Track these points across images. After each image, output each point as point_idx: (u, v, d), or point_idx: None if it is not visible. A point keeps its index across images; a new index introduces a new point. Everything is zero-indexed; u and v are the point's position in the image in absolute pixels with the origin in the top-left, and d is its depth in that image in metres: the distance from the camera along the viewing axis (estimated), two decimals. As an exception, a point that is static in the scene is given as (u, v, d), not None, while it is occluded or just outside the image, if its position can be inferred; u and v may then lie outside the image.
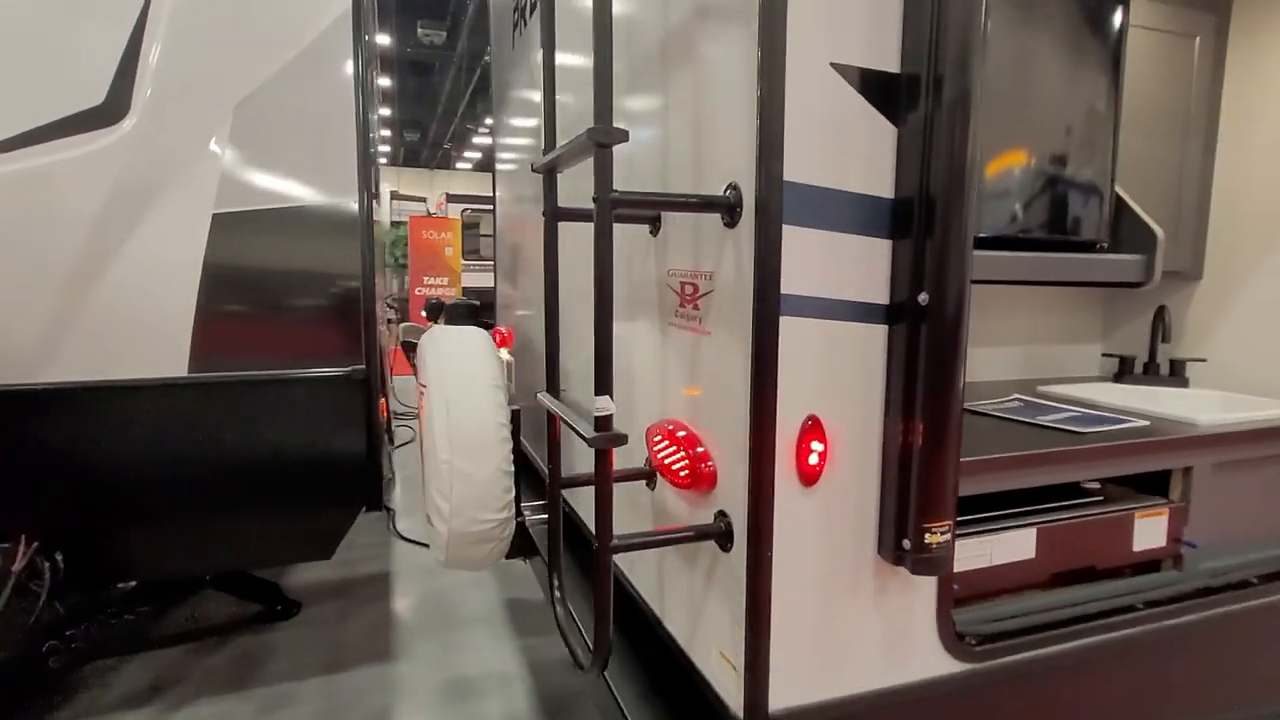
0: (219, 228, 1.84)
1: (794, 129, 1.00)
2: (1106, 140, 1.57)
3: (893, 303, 1.09)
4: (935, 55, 1.01)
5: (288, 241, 1.92)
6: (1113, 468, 1.46)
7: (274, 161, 1.93)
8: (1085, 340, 2.27)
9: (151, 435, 1.84)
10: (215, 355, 1.86)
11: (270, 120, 1.91)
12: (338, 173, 1.96)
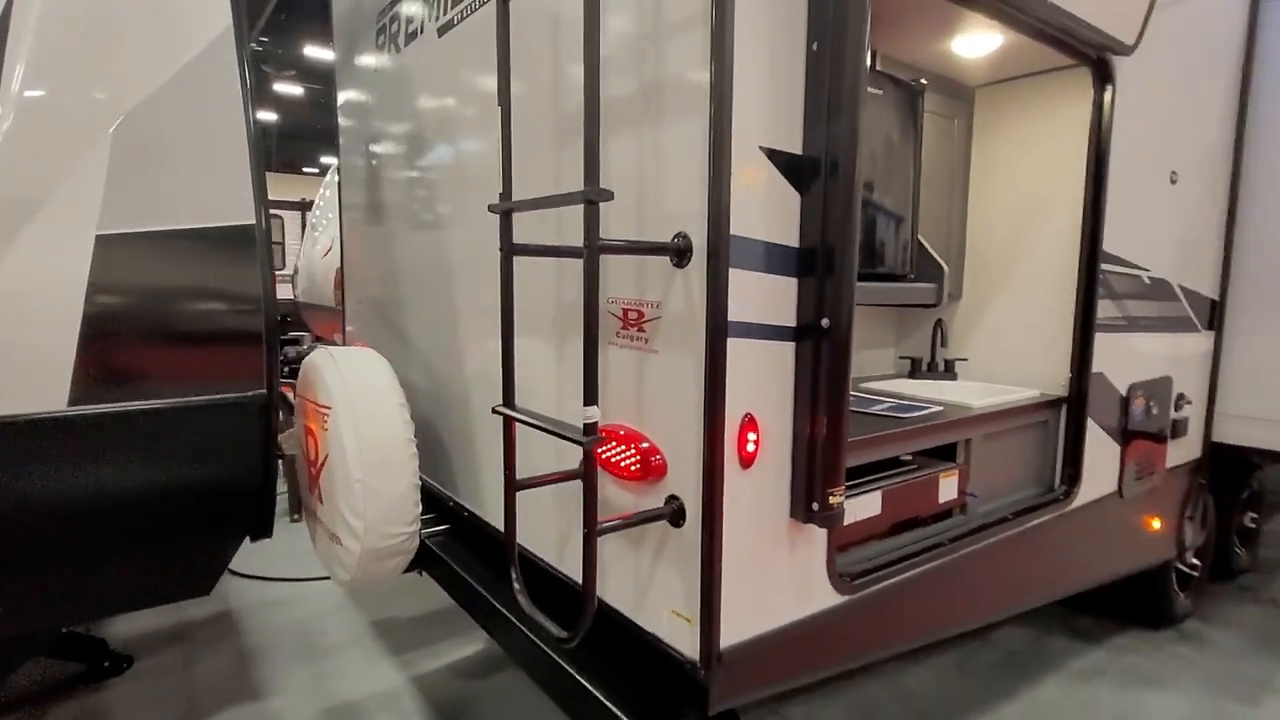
0: (104, 249, 1.72)
1: (735, 194, 1.30)
2: (910, 199, 2.10)
3: (799, 325, 1.44)
4: (827, 142, 1.38)
5: (182, 263, 1.84)
6: (925, 443, 1.97)
7: (164, 180, 1.83)
8: (884, 346, 2.89)
9: (22, 477, 1.66)
10: (100, 386, 1.73)
11: (155, 138, 1.81)
12: (232, 190, 1.91)
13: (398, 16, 2.52)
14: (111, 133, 1.76)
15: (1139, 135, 2.32)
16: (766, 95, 1.34)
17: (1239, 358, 2.96)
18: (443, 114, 2.34)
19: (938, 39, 2.14)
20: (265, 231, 1.97)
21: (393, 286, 2.87)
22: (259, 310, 1.95)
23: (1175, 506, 2.96)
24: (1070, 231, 2.32)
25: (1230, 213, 2.89)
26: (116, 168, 1.76)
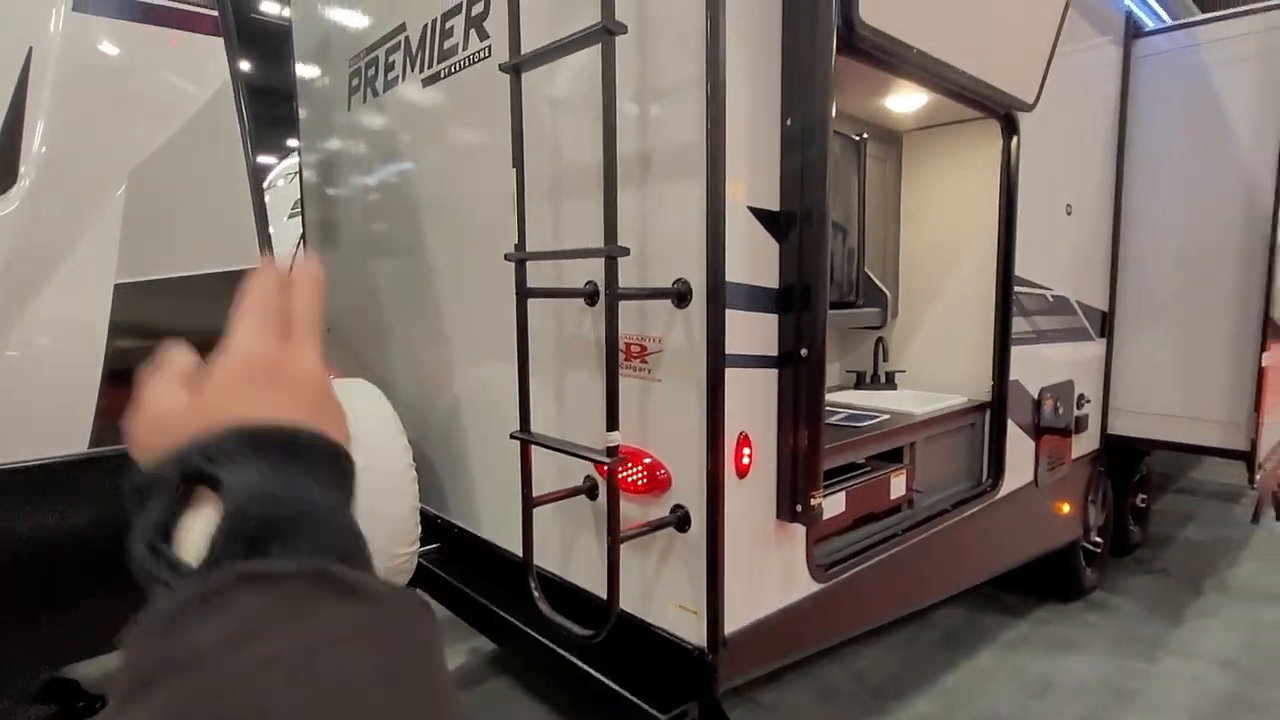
0: (122, 297, 1.79)
1: (728, 246, 1.54)
2: (858, 235, 2.40)
3: (781, 354, 1.69)
4: (801, 199, 1.64)
5: (193, 307, 1.93)
6: (879, 447, 2.27)
7: (174, 231, 1.92)
8: (832, 360, 3.21)
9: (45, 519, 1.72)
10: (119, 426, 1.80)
11: (165, 191, 1.89)
12: (236, 237, 2.01)
13: (376, 64, 2.66)
14: (124, 187, 1.84)
15: (1040, 175, 2.71)
16: (751, 162, 1.59)
17: (1126, 361, 3.43)
18: (428, 157, 2.50)
19: (873, 97, 2.46)
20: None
21: (369, 317, 2.97)
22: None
23: (1080, 492, 3.39)
24: (987, 258, 2.68)
25: (1115, 237, 3.36)
26: (130, 220, 1.84)
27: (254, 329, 0.43)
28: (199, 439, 0.36)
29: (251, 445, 0.36)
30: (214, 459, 0.35)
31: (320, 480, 0.38)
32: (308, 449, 0.38)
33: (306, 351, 0.44)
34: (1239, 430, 3.17)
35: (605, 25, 1.42)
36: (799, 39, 1.60)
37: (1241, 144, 3.12)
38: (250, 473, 0.35)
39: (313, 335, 0.45)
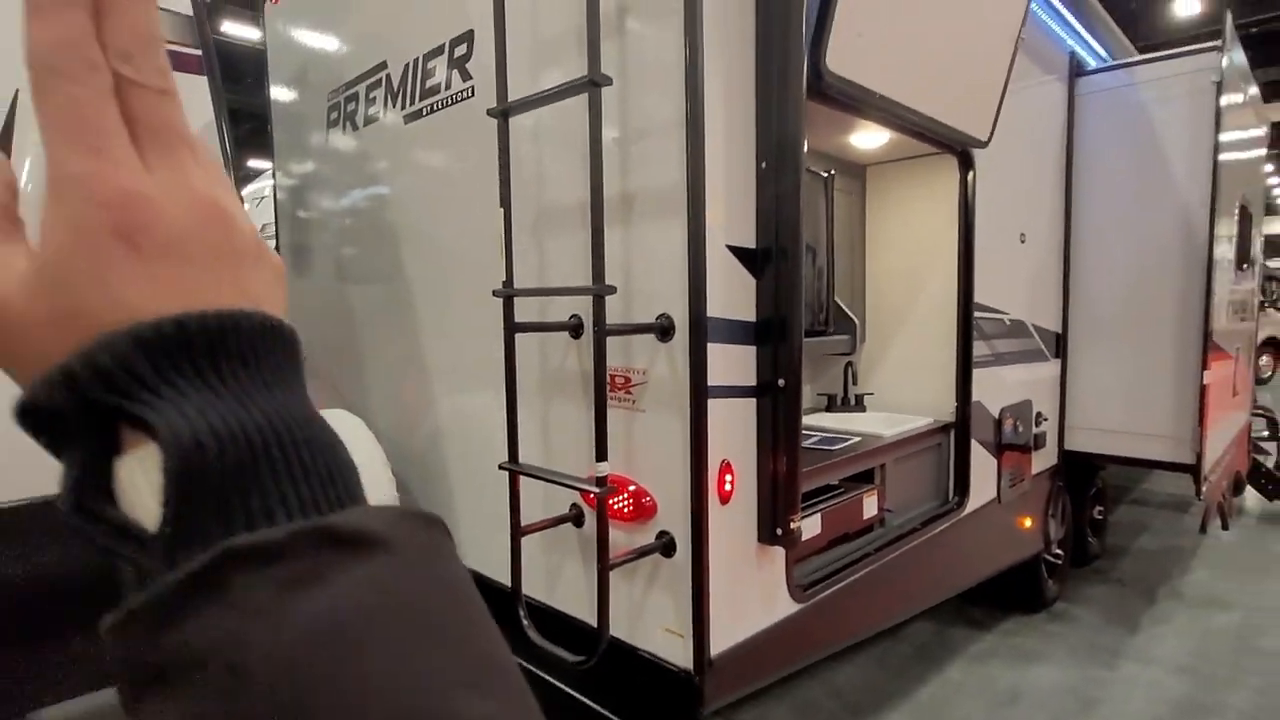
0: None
1: (709, 283, 1.62)
2: (827, 266, 2.51)
3: (759, 384, 1.77)
4: (776, 237, 1.73)
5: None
6: (852, 469, 2.36)
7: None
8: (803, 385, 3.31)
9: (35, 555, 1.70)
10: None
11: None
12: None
13: (356, 98, 2.70)
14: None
15: (995, 206, 2.87)
16: (728, 203, 1.68)
17: (1080, 379, 3.60)
18: (409, 190, 2.54)
19: (839, 135, 2.59)
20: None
21: (345, 346, 2.99)
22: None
23: (1041, 507, 3.53)
24: (948, 284, 2.81)
25: (1065, 262, 3.54)
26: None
27: (80, 133, 0.27)
28: (91, 358, 0.26)
29: (170, 360, 0.26)
30: (128, 392, 0.26)
31: (270, 379, 0.29)
32: (244, 342, 0.28)
33: (179, 165, 0.29)
34: (1185, 445, 3.35)
35: (591, 78, 1.50)
36: (771, 87, 1.70)
37: (1178, 175, 3.34)
38: (184, 405, 0.26)
39: (173, 113, 0.29)
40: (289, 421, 0.28)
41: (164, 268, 0.28)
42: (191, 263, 0.28)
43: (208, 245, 0.29)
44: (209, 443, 0.26)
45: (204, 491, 0.26)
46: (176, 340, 0.27)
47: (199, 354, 0.27)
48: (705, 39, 1.58)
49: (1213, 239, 3.22)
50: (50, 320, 0.27)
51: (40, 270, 0.27)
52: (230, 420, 0.27)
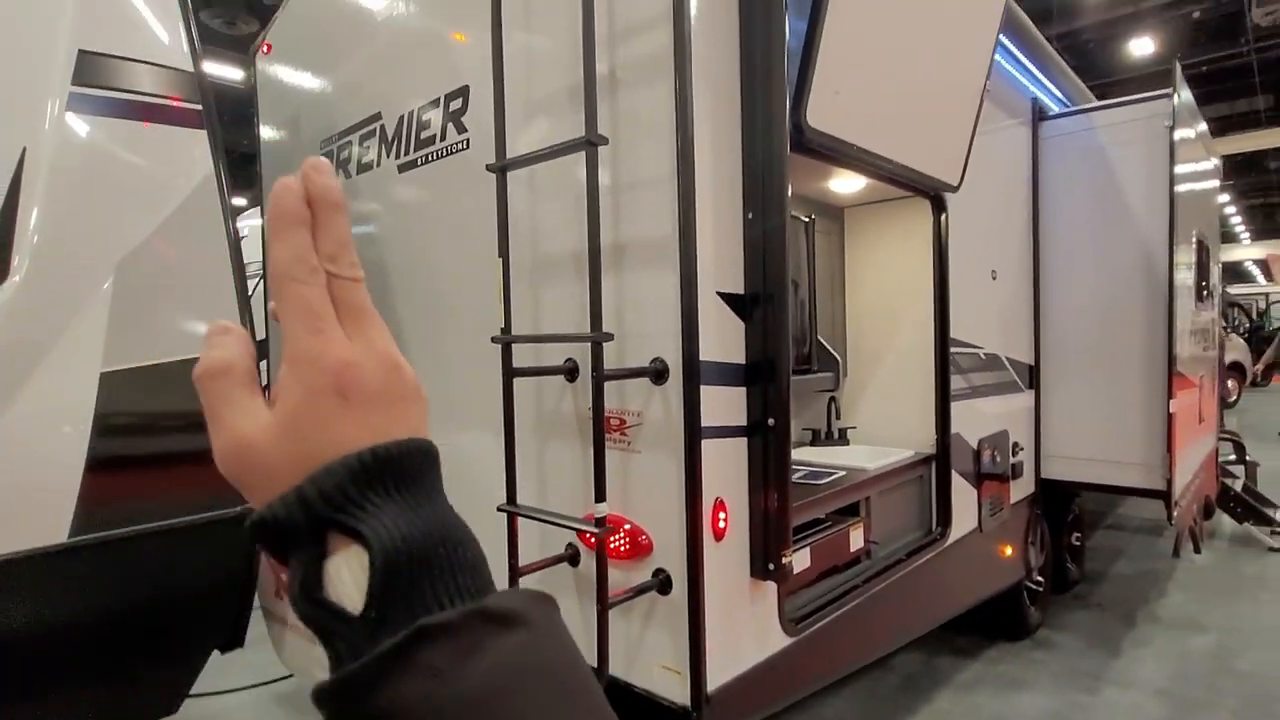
0: (108, 385, 1.82)
1: (701, 328, 1.70)
2: (810, 306, 2.61)
3: (750, 423, 1.84)
4: (763, 283, 1.81)
5: (176, 391, 1.96)
6: (839, 503, 2.43)
7: (160, 317, 1.97)
8: (788, 418, 3.40)
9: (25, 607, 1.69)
10: (101, 515, 1.80)
11: (151, 279, 1.95)
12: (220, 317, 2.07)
13: (350, 147, 2.77)
14: (113, 277, 1.89)
15: (967, 245, 3.00)
16: (718, 251, 1.76)
17: (1053, 409, 3.72)
18: (403, 236, 2.60)
19: (819, 181, 2.71)
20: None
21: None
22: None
23: (1021, 535, 3.62)
24: (925, 321, 2.92)
25: (1036, 297, 3.69)
26: (118, 309, 1.89)
27: (307, 321, 0.38)
28: (318, 484, 0.35)
29: (368, 483, 0.36)
30: (342, 508, 0.35)
31: (429, 491, 0.39)
32: (413, 463, 0.38)
33: (366, 328, 0.39)
34: (1156, 471, 3.46)
35: (589, 138, 1.58)
36: (756, 142, 1.80)
37: (1138, 213, 3.51)
38: (383, 517, 0.35)
39: (363, 299, 0.40)
40: (445, 525, 0.38)
41: (364, 413, 0.38)
42: (380, 406, 0.39)
43: (390, 392, 0.40)
44: (401, 547, 0.35)
45: (397, 584, 0.34)
46: (373, 468, 0.36)
47: (387, 476, 0.37)
48: (695, 98, 1.68)
49: (1173, 273, 3.38)
50: (286, 457, 0.37)
51: (281, 420, 0.38)
52: (412, 528, 0.36)
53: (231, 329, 0.42)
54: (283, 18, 3.16)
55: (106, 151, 1.97)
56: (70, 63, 1.91)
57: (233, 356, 0.40)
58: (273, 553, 0.37)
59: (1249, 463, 6.06)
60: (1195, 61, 15.50)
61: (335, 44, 2.87)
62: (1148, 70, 15.76)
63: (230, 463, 0.39)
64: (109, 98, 1.96)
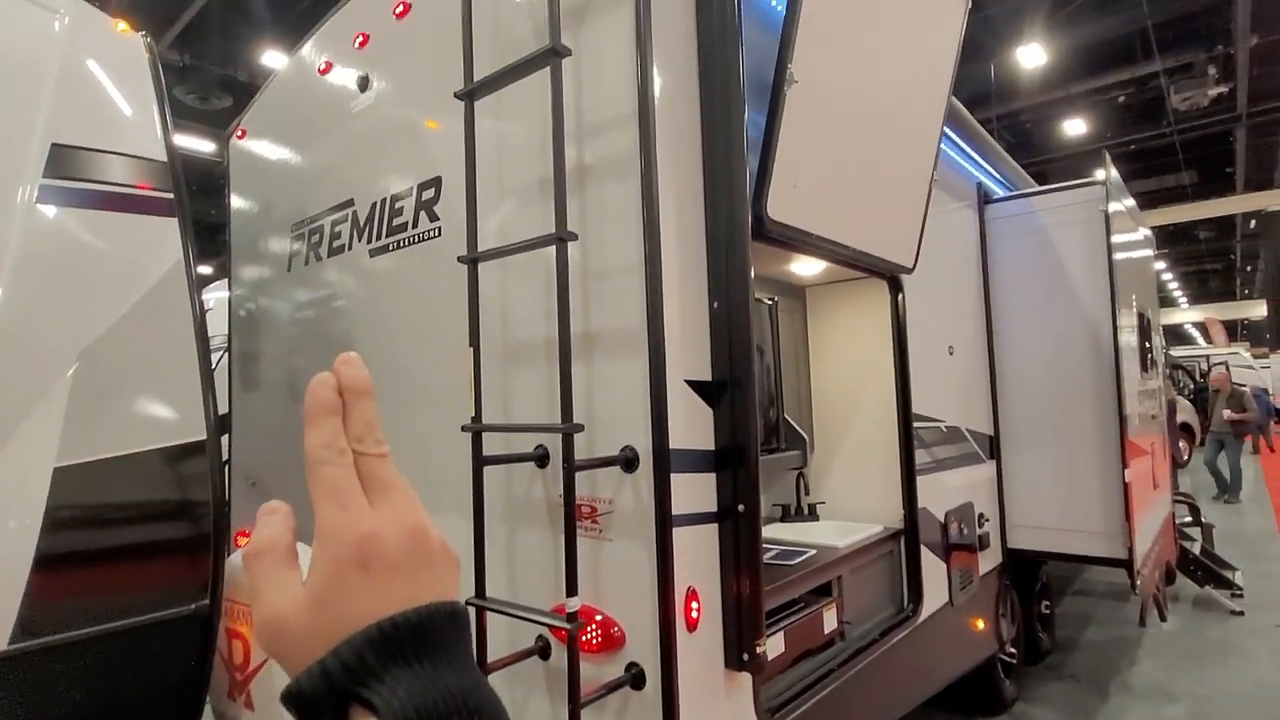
0: (61, 480, 1.76)
1: (670, 416, 1.72)
2: (776, 386, 2.67)
3: (720, 509, 1.85)
4: (730, 369, 1.85)
5: (134, 484, 1.90)
6: (811, 584, 2.42)
7: (120, 408, 1.92)
8: (758, 494, 3.41)
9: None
10: (47, 619, 1.71)
11: (114, 369, 1.92)
12: (184, 409, 2.02)
13: (321, 231, 2.80)
14: (73, 369, 1.86)
15: (925, 322, 3.11)
16: (685, 340, 1.80)
17: (1015, 479, 3.79)
18: (372, 320, 2.61)
19: (780, 264, 2.81)
20: (215, 439, 2.09)
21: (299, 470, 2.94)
22: (207, 517, 2.03)
23: (992, 607, 3.62)
24: (888, 396, 2.99)
25: (992, 369, 3.82)
26: (76, 401, 1.84)
27: (334, 498, 0.42)
28: (339, 656, 0.38)
29: (388, 652, 0.38)
30: (361, 680, 0.37)
31: (451, 658, 0.40)
32: (435, 629, 0.40)
33: (391, 500, 0.43)
34: (1117, 539, 3.53)
35: (559, 234, 1.64)
36: (720, 235, 1.87)
37: (1081, 289, 3.69)
38: (398, 689, 0.37)
39: (389, 473, 0.44)
40: (465, 693, 0.39)
41: (387, 582, 0.41)
42: (404, 574, 0.41)
43: (414, 559, 0.42)
44: (413, 717, 0.37)
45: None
46: (392, 636, 0.39)
47: (406, 645, 0.39)
48: (660, 192, 1.75)
49: (1118, 346, 3.54)
50: (315, 629, 0.39)
51: (310, 594, 0.41)
52: (426, 698, 0.38)
53: (278, 509, 0.45)
54: (258, 105, 3.24)
55: (75, 241, 1.96)
56: (43, 155, 1.92)
57: (276, 535, 0.43)
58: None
59: (1205, 524, 6.21)
60: (1123, 141, 16.62)
61: (310, 130, 2.93)
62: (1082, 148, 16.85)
63: (266, 637, 0.41)
64: (80, 189, 1.97)
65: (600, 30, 1.86)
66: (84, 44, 2.15)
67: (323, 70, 2.78)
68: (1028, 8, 11.24)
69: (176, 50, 10.21)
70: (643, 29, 1.76)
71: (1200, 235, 25.20)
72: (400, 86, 2.49)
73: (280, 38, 10.04)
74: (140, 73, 2.27)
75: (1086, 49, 12.82)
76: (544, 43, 1.76)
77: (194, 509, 2.02)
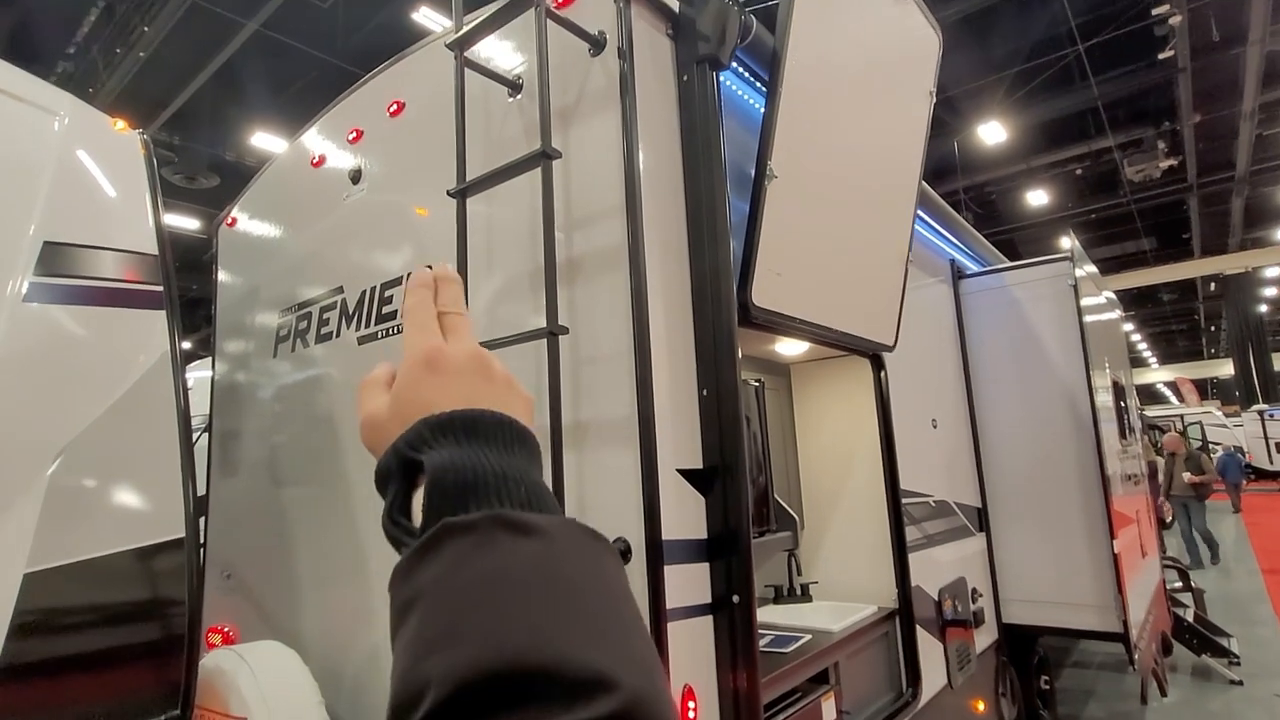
0: (30, 586, 1.69)
1: (663, 507, 1.71)
2: (765, 467, 2.68)
3: (714, 600, 1.81)
4: (721, 456, 1.86)
5: (108, 586, 1.83)
6: (808, 672, 2.35)
7: (97, 509, 1.87)
8: (749, 574, 3.35)
9: None
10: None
11: (91, 470, 1.88)
12: (163, 508, 1.98)
13: (309, 316, 2.82)
14: (53, 467, 1.82)
15: (908, 397, 3.15)
16: (675, 429, 1.81)
17: (1006, 552, 3.78)
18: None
19: (765, 344, 2.86)
20: (194, 534, 2.03)
21: (275, 560, 2.86)
22: (182, 620, 1.95)
23: (991, 687, 3.54)
24: (876, 472, 3.00)
25: (975, 440, 3.85)
26: (53, 502, 1.80)
27: (417, 329, 0.55)
28: (405, 435, 0.49)
29: (439, 430, 0.48)
30: (416, 447, 0.48)
31: (497, 446, 0.48)
32: (486, 425, 0.49)
33: (461, 337, 0.56)
34: (1111, 612, 3.50)
35: (550, 329, 1.66)
36: (708, 324, 1.91)
37: (1057, 360, 3.78)
38: (442, 453, 0.47)
39: (464, 325, 0.58)
40: (503, 466, 0.47)
41: (448, 381, 0.52)
42: (464, 379, 0.53)
43: (474, 374, 0.54)
44: (449, 467, 0.46)
45: (443, 496, 0.45)
46: (446, 421, 0.49)
47: (458, 428, 0.49)
48: (649, 286, 1.79)
49: (1096, 417, 3.60)
50: (394, 419, 0.52)
51: (392, 394, 0.54)
52: (465, 459, 0.46)
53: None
54: (249, 195, 3.30)
55: (62, 336, 1.95)
56: (34, 253, 1.93)
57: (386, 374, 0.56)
58: (383, 492, 0.49)
59: (1195, 589, 6.19)
60: (1084, 210, 17.37)
61: (301, 220, 2.99)
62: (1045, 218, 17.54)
63: (364, 433, 0.54)
64: (69, 285, 1.98)
65: (589, 130, 1.94)
66: (81, 143, 2.20)
67: (316, 163, 2.86)
68: (986, 90, 11.90)
69: (167, 131, 10.43)
70: (630, 129, 1.84)
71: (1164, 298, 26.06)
72: (392, 178, 2.56)
73: (270, 120, 10.32)
74: (135, 168, 2.32)
75: (1043, 126, 13.54)
76: (535, 142, 1.84)
77: (167, 610, 1.94)
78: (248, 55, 8.97)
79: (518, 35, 2.11)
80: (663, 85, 2.00)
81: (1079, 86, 11.92)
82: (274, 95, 10.17)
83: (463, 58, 2.02)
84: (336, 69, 9.19)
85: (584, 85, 1.95)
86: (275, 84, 10.03)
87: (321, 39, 9.06)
